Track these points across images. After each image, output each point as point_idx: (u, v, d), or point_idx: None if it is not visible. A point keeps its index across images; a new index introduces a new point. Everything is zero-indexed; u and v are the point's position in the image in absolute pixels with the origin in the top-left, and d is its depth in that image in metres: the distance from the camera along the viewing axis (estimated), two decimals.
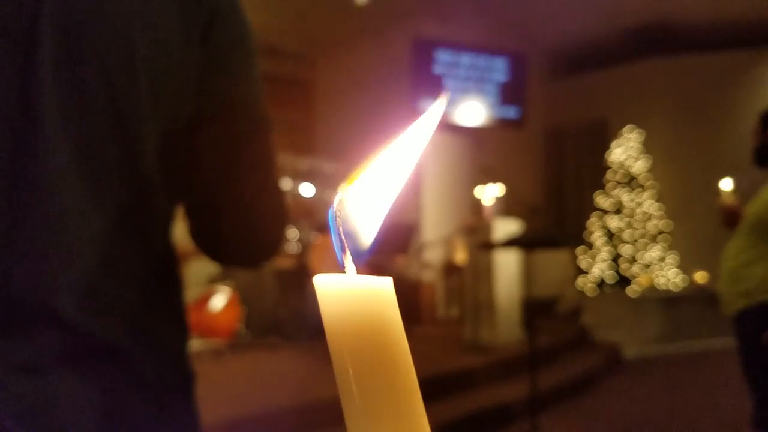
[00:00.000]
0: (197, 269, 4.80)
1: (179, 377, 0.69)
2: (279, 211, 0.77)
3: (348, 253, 0.23)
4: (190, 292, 5.16)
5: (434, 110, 0.25)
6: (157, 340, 0.65)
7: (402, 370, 0.22)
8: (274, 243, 0.79)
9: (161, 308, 0.68)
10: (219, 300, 4.62)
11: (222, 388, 3.50)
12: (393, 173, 0.24)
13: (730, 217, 2.86)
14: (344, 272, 0.23)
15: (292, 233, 5.44)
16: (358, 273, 0.23)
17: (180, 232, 0.76)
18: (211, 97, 0.70)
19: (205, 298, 4.60)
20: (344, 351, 0.22)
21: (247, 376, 3.95)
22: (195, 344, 4.59)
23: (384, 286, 0.23)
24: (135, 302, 0.64)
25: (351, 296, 0.22)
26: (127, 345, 0.61)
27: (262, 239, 0.77)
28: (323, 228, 5.18)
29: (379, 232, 0.24)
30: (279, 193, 0.77)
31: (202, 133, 0.70)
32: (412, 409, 0.22)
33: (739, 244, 2.66)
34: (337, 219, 0.23)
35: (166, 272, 0.70)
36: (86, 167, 0.59)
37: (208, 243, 0.78)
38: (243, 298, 4.93)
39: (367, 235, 0.24)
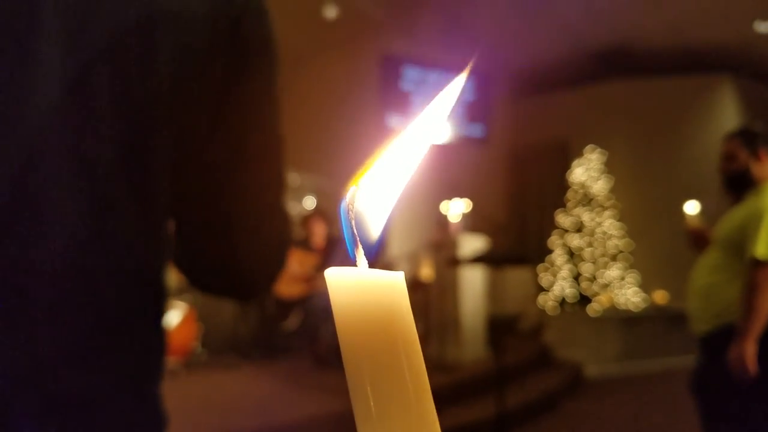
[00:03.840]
0: None
1: (151, 421, 0.60)
2: (284, 237, 0.69)
3: (360, 248, 0.23)
4: None
5: (433, 113, 0.25)
6: (128, 382, 0.56)
7: (415, 363, 0.22)
8: (274, 272, 0.70)
9: (136, 346, 0.57)
10: (174, 316, 4.41)
11: (176, 410, 3.30)
12: (397, 170, 0.24)
13: (697, 240, 2.88)
14: (355, 266, 0.23)
15: None
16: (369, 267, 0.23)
17: None
18: (233, 107, 0.61)
19: None
20: (356, 344, 0.22)
21: (203, 398, 3.77)
22: None
23: (396, 280, 0.22)
24: (109, 344, 0.53)
25: (364, 289, 0.22)
26: (94, 390, 0.51)
27: (264, 267, 0.68)
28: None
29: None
30: (286, 218, 0.69)
31: (216, 145, 0.62)
32: (424, 403, 0.22)
33: (710, 264, 2.66)
34: (350, 213, 0.23)
35: (150, 299, 0.59)
36: (86, 176, 0.51)
37: (199, 270, 0.67)
38: (200, 314, 4.74)
39: (376, 230, 0.24)
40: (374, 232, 0.24)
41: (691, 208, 2.94)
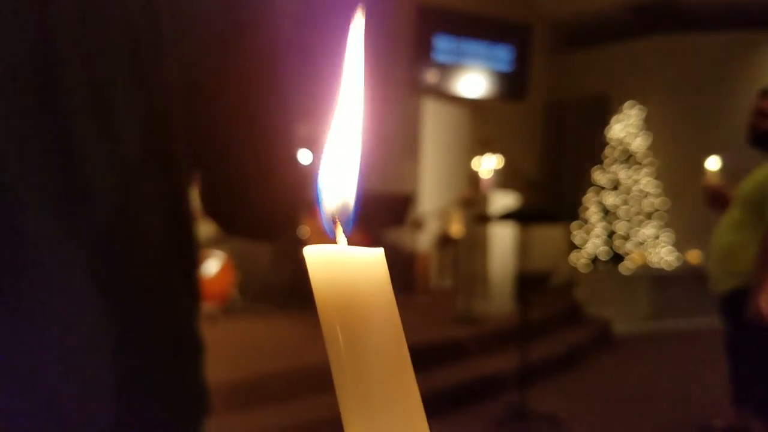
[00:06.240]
0: None
1: (189, 347, 0.67)
2: (294, 183, 0.72)
3: (339, 224, 0.23)
4: None
5: (354, 34, 0.23)
6: (166, 309, 0.63)
7: (393, 340, 0.22)
8: (290, 215, 0.73)
9: (174, 273, 0.64)
10: (213, 264, 4.62)
11: (214, 351, 3.50)
12: (351, 127, 0.23)
13: (714, 197, 2.80)
14: (335, 243, 0.23)
15: None
16: (348, 243, 0.23)
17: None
18: (233, 66, 0.66)
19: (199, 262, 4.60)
20: (335, 322, 0.22)
21: (239, 341, 3.98)
22: None
23: (375, 257, 0.22)
24: (148, 263, 0.61)
25: (342, 267, 0.22)
26: (133, 312, 0.59)
27: (279, 211, 0.72)
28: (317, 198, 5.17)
29: (372, 201, 0.22)
30: (296, 167, 0.72)
31: (222, 104, 0.66)
32: (403, 379, 0.23)
33: (731, 222, 2.62)
34: (325, 190, 0.23)
35: (184, 232, 0.66)
36: (102, 108, 0.56)
37: (218, 206, 0.73)
38: (237, 263, 4.94)
39: (351, 202, 0.23)
40: (350, 205, 0.23)
41: (713, 164, 2.86)
